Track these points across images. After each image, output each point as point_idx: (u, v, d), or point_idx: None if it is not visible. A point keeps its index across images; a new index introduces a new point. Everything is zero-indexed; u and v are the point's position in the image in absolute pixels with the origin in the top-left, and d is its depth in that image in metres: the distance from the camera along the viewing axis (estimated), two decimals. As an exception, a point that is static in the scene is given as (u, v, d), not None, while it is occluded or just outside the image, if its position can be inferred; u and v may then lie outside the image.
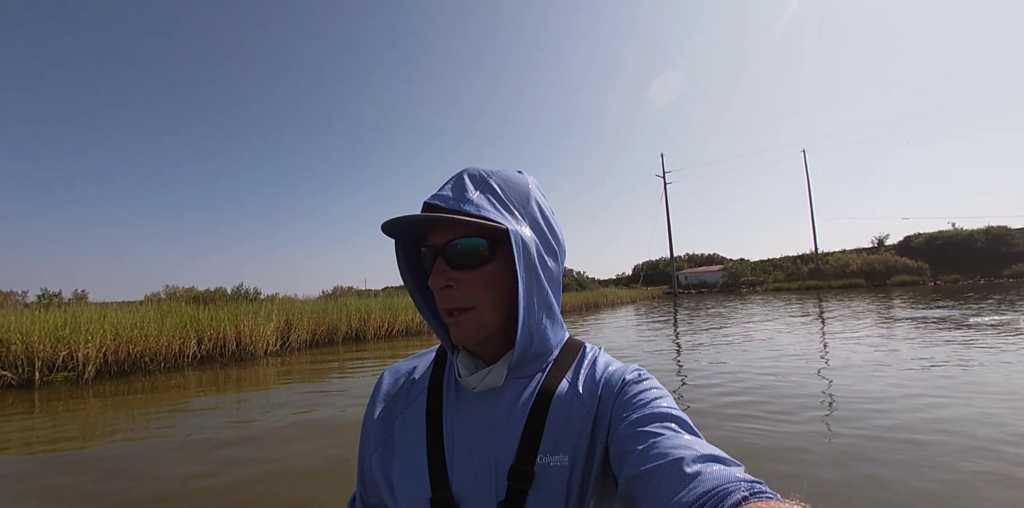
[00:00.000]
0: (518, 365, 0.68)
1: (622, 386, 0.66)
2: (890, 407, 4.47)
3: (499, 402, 0.67)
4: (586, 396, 0.67)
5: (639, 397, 0.63)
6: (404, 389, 0.76)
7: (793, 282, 46.43)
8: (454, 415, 0.69)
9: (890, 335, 9.68)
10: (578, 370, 0.71)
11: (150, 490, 3.30)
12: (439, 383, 0.74)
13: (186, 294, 18.07)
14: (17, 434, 4.92)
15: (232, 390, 7.17)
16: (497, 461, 0.63)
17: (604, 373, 0.70)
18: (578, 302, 27.89)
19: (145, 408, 6.02)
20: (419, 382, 0.76)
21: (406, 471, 0.67)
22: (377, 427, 0.74)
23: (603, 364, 0.72)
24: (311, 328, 12.55)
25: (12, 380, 7.70)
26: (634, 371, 0.69)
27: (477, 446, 0.65)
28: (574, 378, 0.70)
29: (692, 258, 73.61)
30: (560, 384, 0.68)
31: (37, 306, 12.04)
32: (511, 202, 0.68)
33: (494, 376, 0.67)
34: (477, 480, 0.63)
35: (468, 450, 0.65)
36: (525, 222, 0.68)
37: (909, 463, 3.15)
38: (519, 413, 0.66)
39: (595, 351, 0.76)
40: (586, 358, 0.73)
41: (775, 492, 0.44)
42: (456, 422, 0.68)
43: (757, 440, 3.73)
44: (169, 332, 9.45)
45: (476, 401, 0.69)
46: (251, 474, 3.51)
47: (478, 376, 0.68)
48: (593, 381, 0.69)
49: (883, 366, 6.49)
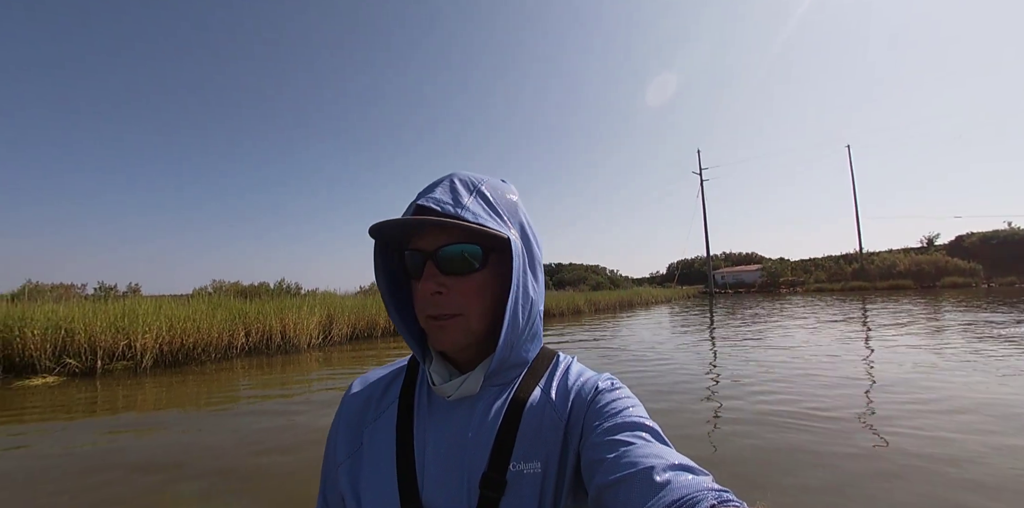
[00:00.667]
0: (495, 373, 0.67)
1: (594, 394, 0.66)
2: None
3: (472, 410, 0.66)
4: (558, 403, 0.67)
5: (611, 406, 0.63)
6: (375, 399, 0.75)
7: (836, 283, 44.88)
8: (426, 424, 0.68)
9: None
10: (551, 378, 0.71)
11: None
12: (410, 393, 0.72)
13: (232, 288, 18.72)
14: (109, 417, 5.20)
15: (277, 381, 7.42)
16: (470, 470, 0.62)
17: (576, 381, 0.70)
18: (611, 301, 27.58)
19: (208, 393, 6.28)
20: (390, 392, 0.75)
21: (375, 482, 0.66)
22: (345, 438, 0.73)
23: (576, 373, 0.72)
24: (351, 322, 12.85)
25: (76, 368, 8.13)
26: (607, 380, 0.69)
27: (449, 455, 0.64)
28: (547, 386, 0.69)
29: (729, 257, 71.99)
30: (533, 392, 0.68)
31: (95, 299, 12.66)
32: (502, 210, 0.67)
33: (471, 383, 0.67)
34: (449, 489, 0.62)
35: (440, 459, 0.64)
36: (516, 231, 0.67)
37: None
38: (492, 421, 0.65)
39: (568, 360, 0.75)
40: (559, 366, 0.73)
41: (742, 500, 0.45)
42: (428, 431, 0.67)
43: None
44: (219, 324, 9.83)
45: (449, 410, 0.68)
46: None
47: (453, 384, 0.67)
48: (565, 389, 0.69)
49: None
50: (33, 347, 8.10)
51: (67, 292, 17.31)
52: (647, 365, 7.55)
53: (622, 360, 8.19)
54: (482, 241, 0.65)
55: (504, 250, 0.67)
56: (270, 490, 3.18)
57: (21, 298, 11.86)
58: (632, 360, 8.12)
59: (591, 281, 43.95)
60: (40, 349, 8.12)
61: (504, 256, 0.68)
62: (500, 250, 0.67)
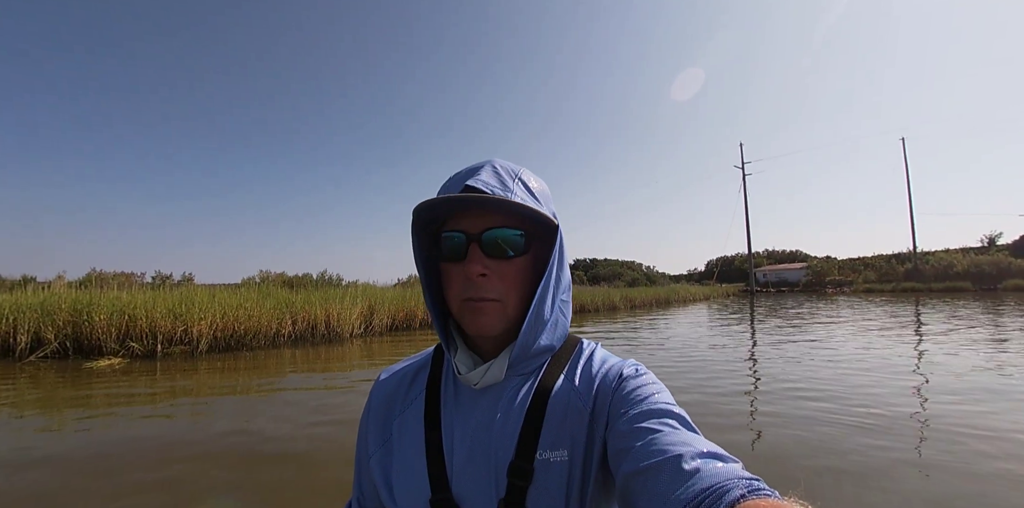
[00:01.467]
0: (518, 360, 0.68)
1: (619, 381, 0.66)
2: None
3: (498, 399, 0.67)
4: (583, 390, 0.67)
5: (636, 392, 0.62)
6: (402, 391, 0.76)
7: (887, 283, 42.74)
8: (453, 414, 0.68)
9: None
10: (575, 365, 0.71)
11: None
12: (437, 383, 0.73)
13: (278, 278, 19.45)
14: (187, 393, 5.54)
15: (321, 368, 7.68)
16: (497, 458, 0.62)
17: (601, 368, 0.69)
18: (647, 297, 27.23)
19: (267, 376, 6.58)
20: (417, 383, 0.76)
21: (405, 473, 0.67)
22: (376, 429, 0.74)
23: (600, 359, 0.72)
24: (391, 313, 13.17)
25: (138, 351, 8.65)
26: (631, 366, 0.69)
27: (477, 444, 0.64)
28: (571, 373, 0.69)
29: (772, 254, 69.56)
30: (558, 379, 0.68)
31: (153, 287, 13.38)
32: (541, 198, 0.68)
33: (495, 370, 0.67)
34: (477, 478, 0.63)
35: (468, 449, 0.64)
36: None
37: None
38: (518, 409, 0.65)
39: (592, 346, 0.75)
40: (583, 353, 0.73)
41: (773, 489, 0.43)
42: (455, 421, 0.68)
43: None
44: (268, 313, 10.26)
45: (475, 399, 0.68)
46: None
47: (478, 372, 0.67)
48: (590, 376, 0.68)
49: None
50: (100, 331, 8.68)
51: (128, 280, 18.34)
52: (681, 361, 7.45)
53: (658, 356, 8.11)
54: (526, 227, 0.66)
55: (542, 237, 0.69)
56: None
57: (88, 285, 12.65)
58: (668, 356, 8.03)
59: (627, 277, 43.43)
60: (106, 333, 8.69)
61: (542, 243, 0.70)
62: (540, 237, 0.68)
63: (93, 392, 5.92)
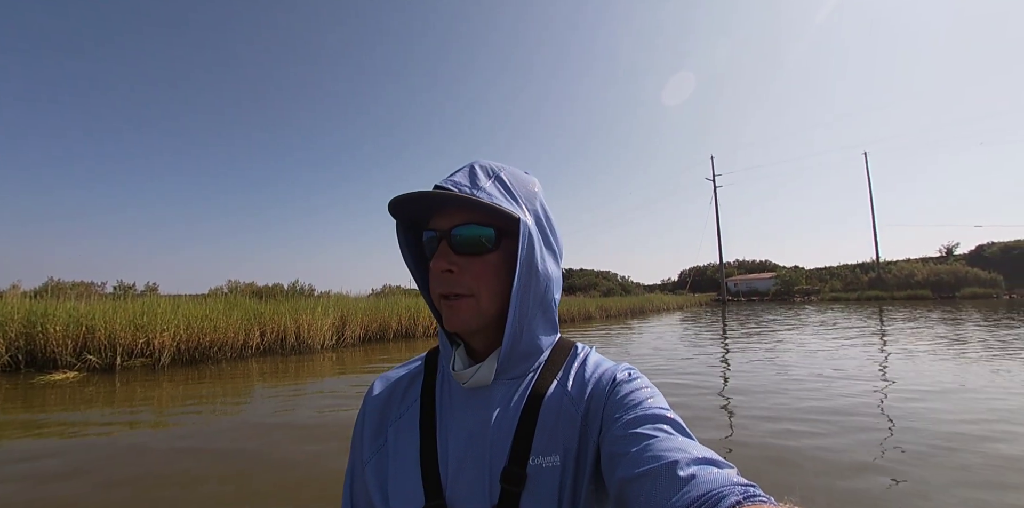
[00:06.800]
0: (507, 362, 0.67)
1: (613, 386, 0.65)
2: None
3: (491, 404, 0.67)
4: (575, 395, 0.66)
5: (630, 397, 0.62)
6: (397, 397, 0.76)
7: (852, 292, 44.07)
8: (448, 420, 0.69)
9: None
10: (568, 369, 0.70)
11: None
12: (431, 390, 0.73)
13: (247, 289, 18.98)
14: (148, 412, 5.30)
15: (291, 380, 7.49)
16: (490, 464, 0.62)
17: (594, 372, 0.69)
18: (622, 307, 27.47)
19: (226, 393, 6.36)
20: (412, 390, 0.76)
21: (400, 479, 0.67)
22: (371, 436, 0.74)
23: (593, 363, 0.71)
24: (364, 324, 12.95)
25: (96, 364, 8.28)
26: (625, 370, 0.68)
27: (471, 450, 0.64)
28: (564, 377, 0.69)
29: (743, 264, 71.01)
30: (551, 385, 0.68)
31: (114, 297, 12.90)
32: (519, 196, 0.68)
33: (485, 372, 0.67)
34: (471, 485, 0.62)
35: (461, 455, 0.64)
36: (531, 217, 0.68)
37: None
38: (511, 415, 0.65)
39: (586, 350, 0.75)
40: (577, 358, 0.73)
41: (769, 496, 0.43)
42: (450, 427, 0.68)
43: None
44: (235, 324, 9.97)
45: (469, 404, 0.68)
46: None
47: (469, 371, 0.68)
48: (583, 380, 0.68)
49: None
50: (55, 343, 8.29)
51: (87, 290, 17.64)
52: (658, 372, 7.51)
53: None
54: (497, 224, 0.66)
55: (518, 235, 0.68)
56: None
57: (44, 295, 12.11)
58: (643, 365, 8.08)
59: (602, 287, 43.77)
60: (62, 345, 8.31)
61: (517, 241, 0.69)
62: (514, 235, 0.67)
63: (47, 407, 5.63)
